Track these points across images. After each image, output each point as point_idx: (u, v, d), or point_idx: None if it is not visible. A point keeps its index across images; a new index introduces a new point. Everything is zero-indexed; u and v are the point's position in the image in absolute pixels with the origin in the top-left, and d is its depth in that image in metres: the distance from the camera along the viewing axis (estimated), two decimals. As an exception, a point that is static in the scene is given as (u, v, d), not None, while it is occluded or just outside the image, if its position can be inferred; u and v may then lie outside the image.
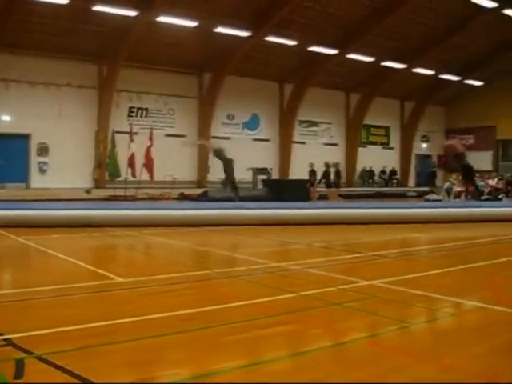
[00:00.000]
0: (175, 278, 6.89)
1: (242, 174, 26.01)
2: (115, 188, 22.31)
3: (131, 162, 22.42)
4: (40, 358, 3.76)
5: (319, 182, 23.00)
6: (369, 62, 28.80)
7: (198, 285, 6.71)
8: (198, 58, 26.06)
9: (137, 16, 21.24)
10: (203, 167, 26.90)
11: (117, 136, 23.13)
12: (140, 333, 4.45)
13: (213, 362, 3.84)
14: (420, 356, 4.13)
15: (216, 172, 26.41)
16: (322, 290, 6.21)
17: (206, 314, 5.18)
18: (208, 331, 4.56)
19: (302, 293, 6.03)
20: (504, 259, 8.88)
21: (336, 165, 24.80)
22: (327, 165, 23.02)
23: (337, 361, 4.04)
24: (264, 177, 25.88)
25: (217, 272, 7.58)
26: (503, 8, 25.28)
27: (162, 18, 21.78)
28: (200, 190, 23.62)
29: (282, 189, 21.83)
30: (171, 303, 5.57)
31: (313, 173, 23.48)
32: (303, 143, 31.26)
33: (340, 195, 23.44)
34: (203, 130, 26.96)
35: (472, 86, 35.18)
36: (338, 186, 23.47)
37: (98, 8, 20.55)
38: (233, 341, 4.36)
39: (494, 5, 24.96)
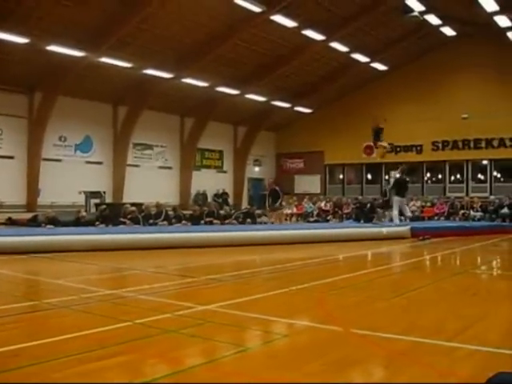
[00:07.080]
0: (1, 310, 6.48)
1: (74, 197, 25.23)
2: None
3: (-48, 185, 20.92)
4: None
5: None
6: (203, 87, 29.14)
7: (25, 317, 6.35)
8: (29, 77, 24.86)
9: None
10: (33, 190, 25.64)
11: None
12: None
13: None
14: (256, 379, 4.19)
15: (47, 195, 25.40)
16: (157, 318, 6.13)
17: (33, 349, 4.90)
18: (36, 368, 4.31)
19: (137, 321, 5.92)
20: (331, 279, 9.31)
21: None
22: None
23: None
24: (97, 200, 25.28)
25: (46, 302, 7.21)
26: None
27: (-10, 33, 20.56)
28: (30, 215, 22.49)
29: (115, 213, 21.36)
30: (-5, 339, 5.22)
31: None
32: (137, 166, 30.86)
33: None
34: (33, 151, 25.76)
35: (301, 112, 36.69)
36: None
37: None
38: (64, 376, 4.15)
39: (322, 38, 26.42)
